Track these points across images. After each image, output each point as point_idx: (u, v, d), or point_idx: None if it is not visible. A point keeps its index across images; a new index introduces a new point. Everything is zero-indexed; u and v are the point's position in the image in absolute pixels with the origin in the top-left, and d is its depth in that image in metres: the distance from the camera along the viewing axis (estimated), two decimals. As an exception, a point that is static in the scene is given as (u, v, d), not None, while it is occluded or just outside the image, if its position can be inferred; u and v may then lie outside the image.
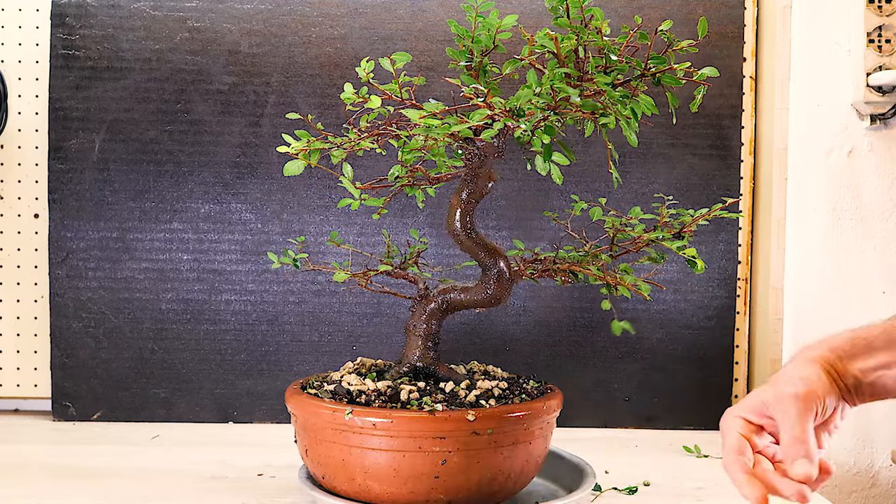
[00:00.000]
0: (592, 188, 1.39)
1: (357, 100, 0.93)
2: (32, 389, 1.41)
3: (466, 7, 0.91)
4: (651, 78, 0.91)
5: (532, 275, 1.02)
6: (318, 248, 1.38)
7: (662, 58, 0.90)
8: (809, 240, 1.40)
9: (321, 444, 0.92)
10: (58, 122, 1.36)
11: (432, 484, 0.89)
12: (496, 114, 0.85)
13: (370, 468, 0.90)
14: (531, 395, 0.98)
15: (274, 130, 1.37)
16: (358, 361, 1.05)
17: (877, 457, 1.43)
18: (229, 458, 1.19)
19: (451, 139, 0.92)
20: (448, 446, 0.88)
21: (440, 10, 1.38)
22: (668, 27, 0.88)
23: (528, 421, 0.92)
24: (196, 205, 1.38)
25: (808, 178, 1.40)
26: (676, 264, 1.39)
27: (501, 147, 0.96)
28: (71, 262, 1.36)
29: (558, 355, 1.40)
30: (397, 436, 0.88)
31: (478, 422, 0.89)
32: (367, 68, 0.91)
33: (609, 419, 1.41)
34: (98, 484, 1.06)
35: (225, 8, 1.37)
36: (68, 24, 1.35)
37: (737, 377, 1.43)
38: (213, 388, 1.38)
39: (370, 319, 1.39)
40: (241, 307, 1.38)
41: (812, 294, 1.40)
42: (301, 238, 1.21)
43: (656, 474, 1.15)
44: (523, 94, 0.85)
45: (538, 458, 0.97)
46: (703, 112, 1.40)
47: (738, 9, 1.40)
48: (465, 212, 0.98)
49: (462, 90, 0.89)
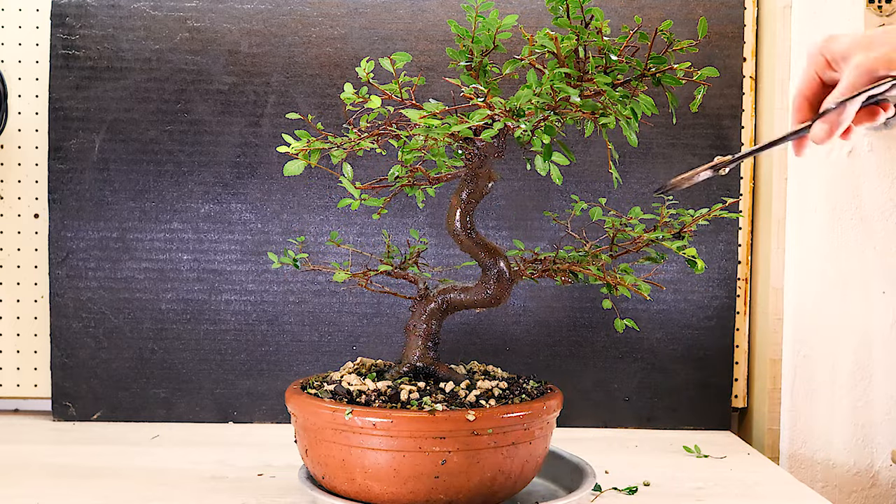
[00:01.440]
0: (592, 188, 1.39)
1: (357, 100, 0.93)
2: (32, 389, 1.41)
3: (466, 7, 0.91)
4: (651, 78, 0.91)
5: (532, 275, 1.02)
6: (318, 248, 1.38)
7: (662, 58, 0.90)
8: (809, 240, 1.40)
9: (321, 444, 0.92)
10: (58, 122, 1.36)
11: (432, 484, 0.89)
12: (496, 114, 0.85)
13: (370, 468, 0.90)
14: (531, 395, 0.98)
15: (274, 130, 1.37)
16: (358, 361, 1.05)
17: (877, 457, 1.43)
18: (229, 458, 1.19)
19: (451, 139, 0.92)
20: (448, 446, 0.88)
21: (440, 10, 1.38)
22: (667, 27, 0.88)
23: (529, 421, 0.92)
24: (196, 205, 1.38)
25: (808, 178, 1.40)
26: (676, 264, 1.39)
27: (501, 147, 0.96)
28: (71, 262, 1.36)
29: (558, 355, 1.40)
30: (397, 436, 0.88)
31: (478, 422, 0.89)
32: (368, 68, 0.91)
33: (609, 419, 1.41)
34: (98, 484, 1.06)
35: (225, 8, 1.37)
36: (68, 24, 1.35)
37: (737, 377, 1.43)
38: (213, 388, 1.38)
39: (370, 319, 1.39)
40: (241, 307, 1.38)
41: (812, 294, 1.40)
42: (301, 238, 1.21)
43: (656, 474, 1.15)
44: (523, 94, 0.85)
45: (538, 458, 0.97)
46: (703, 112, 1.40)
47: (738, 9, 1.40)
48: (465, 212, 0.98)
49: (462, 90, 0.89)
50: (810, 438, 1.40)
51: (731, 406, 1.42)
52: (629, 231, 1.03)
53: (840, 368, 1.40)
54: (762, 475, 1.17)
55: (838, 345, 1.40)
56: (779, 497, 1.09)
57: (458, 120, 0.87)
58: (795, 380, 1.39)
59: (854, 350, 1.39)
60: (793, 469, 1.42)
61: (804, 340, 1.39)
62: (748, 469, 1.20)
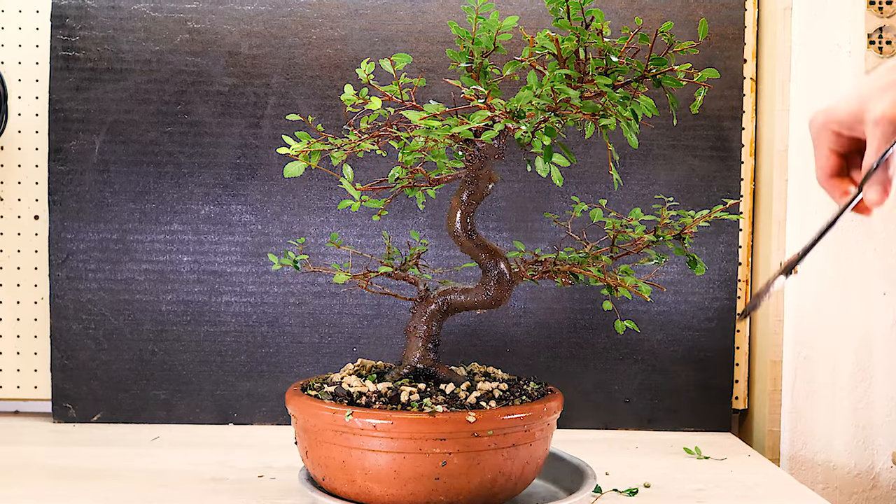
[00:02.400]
0: (593, 189, 1.39)
1: (357, 101, 0.93)
2: (32, 391, 1.41)
3: (466, 9, 0.91)
4: (651, 79, 0.91)
5: (533, 276, 1.02)
6: (319, 249, 1.38)
7: (663, 59, 0.90)
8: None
9: (321, 445, 0.92)
10: (58, 123, 1.36)
11: (433, 485, 0.89)
12: (496, 115, 0.85)
13: (370, 470, 0.90)
14: (532, 396, 0.98)
15: (274, 132, 1.37)
16: (358, 363, 1.05)
17: (877, 458, 1.43)
18: (230, 459, 1.19)
19: (451, 140, 0.92)
20: (448, 448, 0.88)
21: (441, 11, 1.38)
22: (668, 28, 0.88)
23: (529, 422, 0.92)
24: (196, 206, 1.38)
25: (808, 180, 1.40)
26: (677, 266, 1.39)
27: (502, 148, 0.96)
28: (71, 263, 1.36)
29: (559, 357, 1.40)
30: (398, 437, 0.88)
31: (478, 423, 0.89)
32: (368, 70, 0.91)
33: (609, 421, 1.41)
34: (98, 485, 1.06)
35: (225, 9, 1.37)
36: (68, 25, 1.35)
37: (737, 378, 1.43)
38: (213, 390, 1.38)
39: (370, 321, 1.39)
40: (241, 309, 1.38)
41: (812, 295, 1.40)
42: (301, 240, 1.21)
43: (657, 476, 1.15)
44: (524, 96, 0.85)
45: (539, 459, 0.97)
46: (703, 114, 1.40)
47: (739, 10, 1.40)
48: (466, 213, 0.98)
49: (462, 92, 0.88)
50: (811, 440, 1.40)
51: (731, 407, 1.42)
52: (629, 233, 1.03)
53: (841, 370, 1.39)
54: (763, 477, 1.17)
55: (839, 346, 1.39)
56: (779, 498, 1.08)
57: (458, 121, 0.87)
58: (796, 381, 1.39)
59: (855, 351, 1.39)
60: (793, 471, 1.42)
61: (805, 342, 1.38)
62: (749, 470, 1.20)
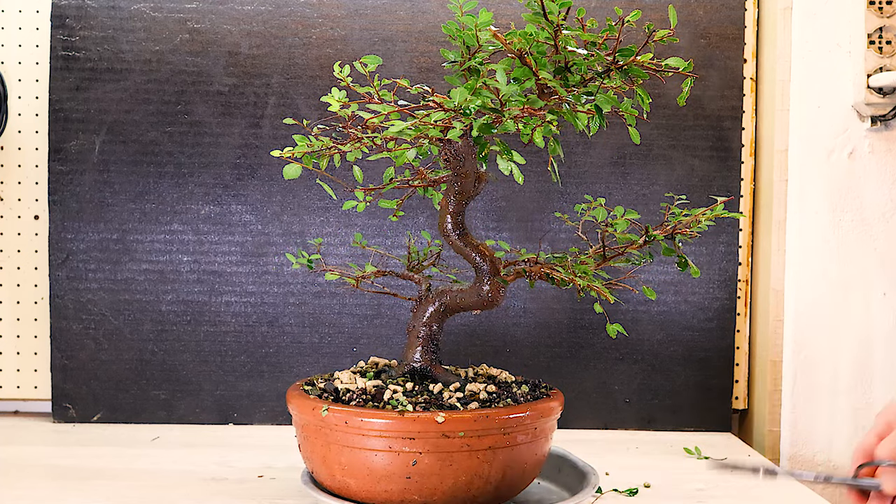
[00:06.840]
0: (593, 189, 1.39)
1: (338, 104, 0.92)
2: (32, 391, 1.41)
3: (452, 7, 0.90)
4: (619, 71, 0.88)
5: (507, 276, 1.00)
6: (319, 249, 1.38)
7: (629, 49, 0.87)
8: (810, 241, 1.39)
9: (307, 440, 0.95)
10: (58, 123, 1.36)
11: (405, 484, 0.89)
12: (449, 113, 0.84)
13: (346, 465, 0.91)
14: (517, 400, 0.95)
15: (274, 132, 1.37)
16: (370, 361, 1.06)
17: (877, 458, 1.42)
18: (230, 459, 1.19)
19: (425, 140, 0.92)
20: (418, 447, 0.88)
21: (440, 11, 1.38)
22: (636, 18, 0.85)
23: (507, 426, 0.90)
24: (196, 206, 1.38)
25: (808, 180, 1.40)
26: (677, 266, 1.39)
27: None
28: (71, 263, 1.36)
29: (558, 357, 1.40)
30: (368, 434, 0.89)
31: (447, 424, 0.88)
32: (344, 72, 0.92)
33: (609, 421, 1.41)
34: (98, 485, 1.06)
35: (225, 9, 1.37)
36: (68, 25, 1.35)
37: (737, 379, 1.43)
38: (213, 390, 1.38)
39: (370, 321, 1.39)
40: (241, 309, 1.38)
41: (812, 296, 1.40)
42: (318, 240, 1.22)
43: (657, 476, 1.15)
44: (458, 93, 0.84)
45: (525, 464, 0.94)
46: (703, 114, 1.40)
47: (739, 10, 1.40)
48: (455, 213, 0.98)
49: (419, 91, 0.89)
50: (811, 440, 1.40)
51: (731, 407, 1.42)
52: (614, 232, 1.02)
53: (841, 370, 1.39)
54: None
55: (839, 346, 1.39)
56: (779, 499, 1.08)
57: (423, 121, 0.87)
58: (796, 381, 1.39)
59: (855, 352, 1.39)
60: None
61: (805, 342, 1.38)
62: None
